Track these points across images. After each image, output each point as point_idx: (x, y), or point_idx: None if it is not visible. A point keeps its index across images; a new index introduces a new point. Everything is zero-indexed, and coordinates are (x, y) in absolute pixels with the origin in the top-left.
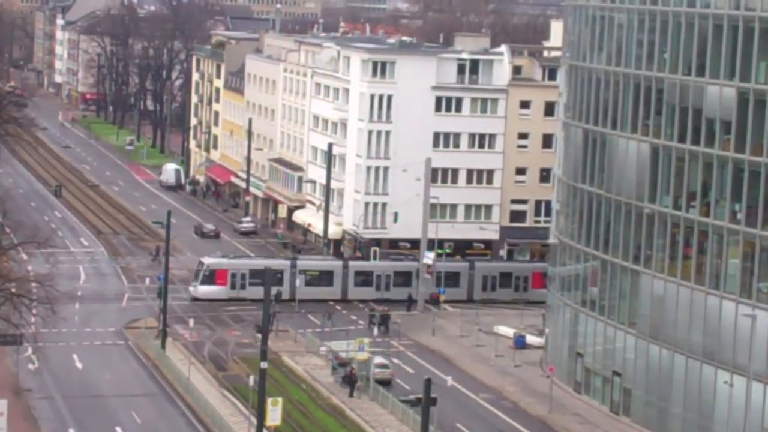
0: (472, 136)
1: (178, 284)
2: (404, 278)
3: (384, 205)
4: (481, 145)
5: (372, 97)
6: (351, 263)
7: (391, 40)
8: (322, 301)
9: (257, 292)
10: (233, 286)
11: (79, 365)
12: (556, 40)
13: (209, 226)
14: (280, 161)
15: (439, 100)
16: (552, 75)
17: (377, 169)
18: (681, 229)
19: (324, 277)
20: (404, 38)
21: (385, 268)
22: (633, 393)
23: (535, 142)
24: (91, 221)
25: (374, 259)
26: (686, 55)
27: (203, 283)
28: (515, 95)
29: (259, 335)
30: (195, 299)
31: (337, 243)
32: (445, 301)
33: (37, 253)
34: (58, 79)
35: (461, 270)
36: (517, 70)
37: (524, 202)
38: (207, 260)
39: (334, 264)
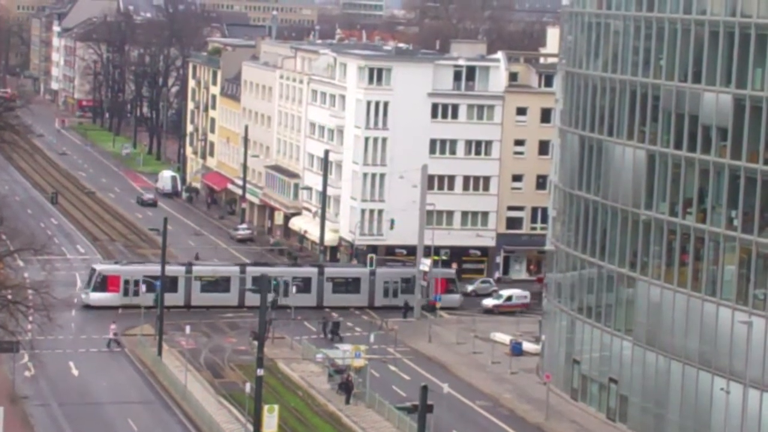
0: (468, 142)
1: None
2: (304, 283)
3: (380, 211)
4: (478, 152)
5: (368, 103)
6: (248, 269)
7: (388, 47)
8: (219, 307)
9: (151, 298)
10: (126, 293)
11: (75, 372)
12: (552, 47)
13: (149, 195)
14: (276, 168)
15: (435, 106)
16: (548, 82)
17: (373, 175)
18: (677, 236)
19: (221, 284)
20: (400, 45)
21: (283, 274)
22: (630, 400)
23: (532, 148)
24: (88, 228)
25: (372, 265)
26: (682, 61)
27: (95, 290)
28: (511, 102)
29: (256, 342)
30: (87, 306)
31: (334, 250)
32: (345, 307)
33: (33, 260)
34: (54, 86)
35: (362, 276)
36: (513, 76)
37: (521, 208)
38: (99, 266)
39: (231, 270)
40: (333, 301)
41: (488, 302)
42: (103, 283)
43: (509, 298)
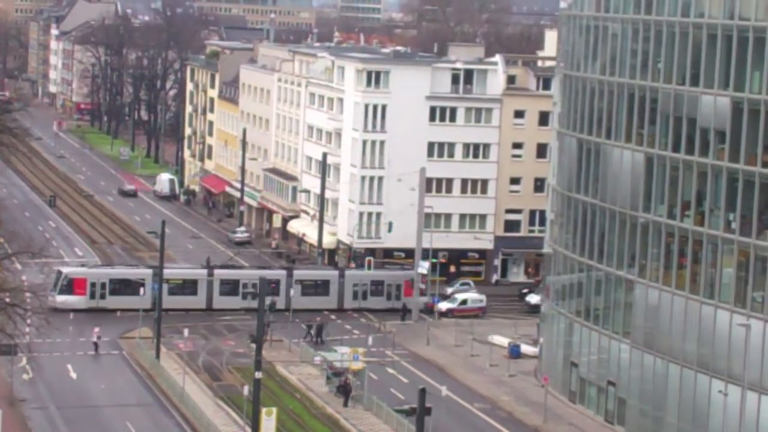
0: (466, 145)
1: None
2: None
3: (378, 214)
4: (476, 155)
5: (366, 106)
6: (216, 272)
7: (386, 50)
8: (186, 311)
9: (118, 301)
10: (92, 296)
11: (73, 375)
12: (550, 50)
13: (130, 187)
14: (274, 171)
15: (433, 109)
16: (546, 84)
17: (371, 178)
18: (675, 239)
19: (188, 286)
20: (398, 48)
21: (252, 277)
22: (627, 402)
23: (530, 151)
24: (86, 231)
25: (369, 268)
26: (680, 64)
27: (61, 292)
28: (509, 105)
29: (254, 345)
30: (54, 309)
31: (332, 253)
32: (314, 310)
33: (31, 263)
34: (52, 89)
35: (331, 278)
36: (511, 79)
37: (518, 211)
38: (65, 269)
39: (199, 273)
40: (301, 304)
41: (442, 306)
42: (70, 285)
43: (464, 302)
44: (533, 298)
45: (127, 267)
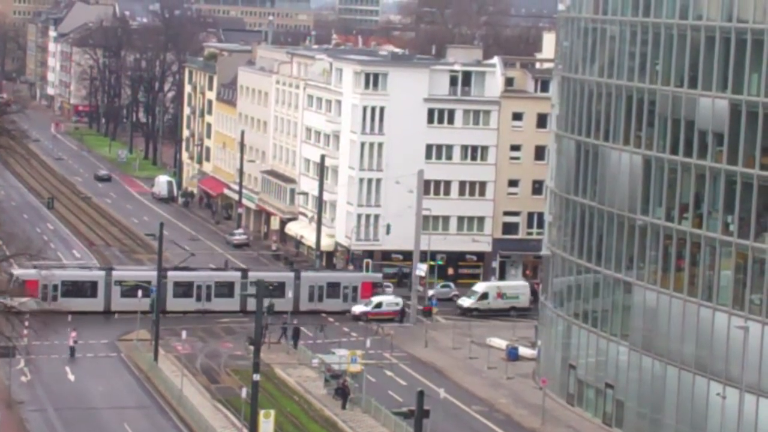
0: (464, 148)
1: None
2: (227, 289)
3: (376, 217)
4: (474, 157)
5: (364, 109)
6: (170, 273)
7: (384, 52)
8: (137, 313)
9: (70, 304)
10: (44, 298)
11: (71, 377)
12: (548, 52)
13: (104, 172)
14: (272, 173)
15: (431, 112)
16: (544, 87)
17: (370, 181)
18: (673, 241)
19: (142, 289)
20: (396, 50)
21: (206, 279)
22: (626, 405)
23: (528, 153)
24: (84, 233)
25: (368, 270)
26: (678, 66)
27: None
28: (508, 107)
29: (252, 347)
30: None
31: (330, 255)
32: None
33: (29, 266)
34: (50, 91)
35: (286, 280)
36: (509, 81)
37: (517, 214)
38: (17, 271)
39: (152, 274)
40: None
41: (356, 309)
42: (21, 287)
43: (379, 305)
44: (465, 302)
45: (80, 269)
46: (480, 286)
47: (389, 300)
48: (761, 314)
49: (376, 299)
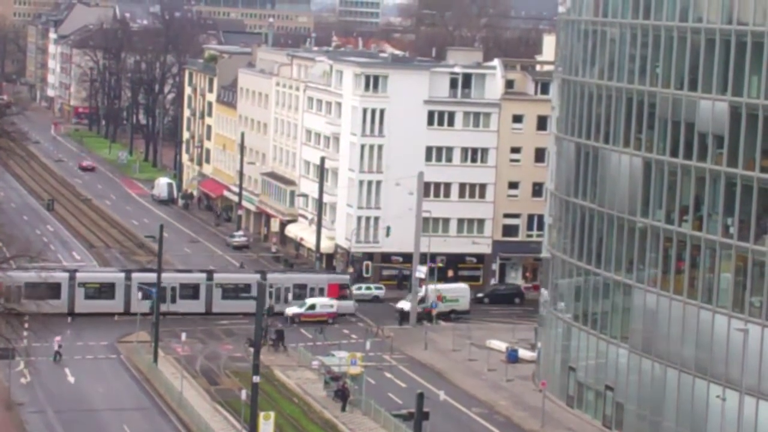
0: (464, 150)
1: None
2: (192, 290)
3: (376, 219)
4: (474, 159)
5: (364, 111)
6: (134, 275)
7: (384, 54)
8: (104, 315)
9: (34, 305)
10: (8, 299)
11: (71, 379)
12: (548, 55)
13: (88, 162)
14: (272, 175)
15: (431, 114)
16: (544, 89)
17: (370, 183)
18: (673, 243)
19: (105, 290)
20: (396, 52)
21: (170, 280)
22: (625, 407)
23: (528, 156)
24: (84, 235)
25: (367, 272)
26: (678, 69)
27: None
28: (508, 109)
29: (252, 349)
30: None
31: (330, 257)
32: (235, 314)
33: (29, 267)
34: (50, 92)
35: (252, 282)
36: (509, 84)
37: (517, 216)
38: None
39: (116, 276)
40: (222, 308)
41: (289, 311)
42: None
43: (312, 307)
44: (405, 305)
45: (44, 270)
46: (422, 290)
47: (323, 302)
48: (761, 317)
49: (309, 301)
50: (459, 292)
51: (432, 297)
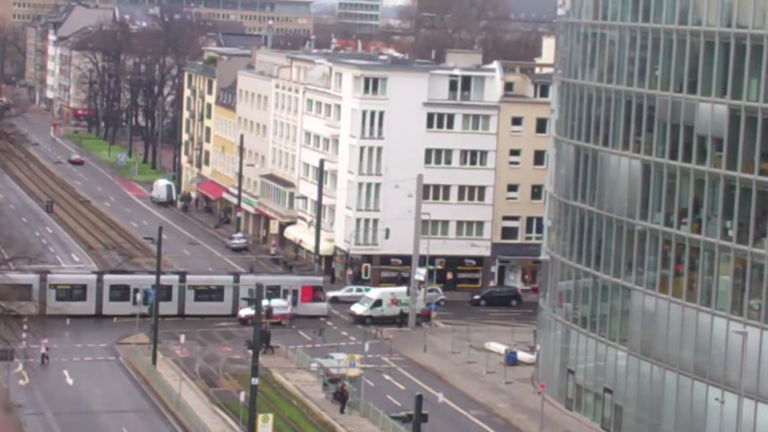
0: (463, 152)
1: None
2: (165, 292)
3: (375, 221)
4: (473, 162)
5: (364, 113)
6: (106, 276)
7: (383, 57)
8: (75, 317)
9: (4, 306)
10: None
11: (69, 381)
12: (548, 57)
13: (76, 156)
14: (271, 177)
15: (430, 116)
16: (544, 92)
17: (369, 185)
18: (672, 246)
19: (77, 292)
20: (396, 54)
21: (143, 282)
22: (624, 410)
23: (527, 158)
24: (83, 237)
25: (366, 274)
26: (678, 72)
27: None
28: (507, 112)
29: (250, 351)
30: None
31: (329, 259)
32: (208, 316)
33: (28, 269)
34: (49, 94)
35: (225, 284)
36: (508, 86)
37: (516, 218)
38: None
39: (88, 277)
40: (195, 309)
41: (243, 312)
42: None
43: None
44: (358, 309)
45: (13, 271)
46: (374, 293)
47: (279, 304)
48: (760, 319)
49: (265, 303)
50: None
51: (386, 300)
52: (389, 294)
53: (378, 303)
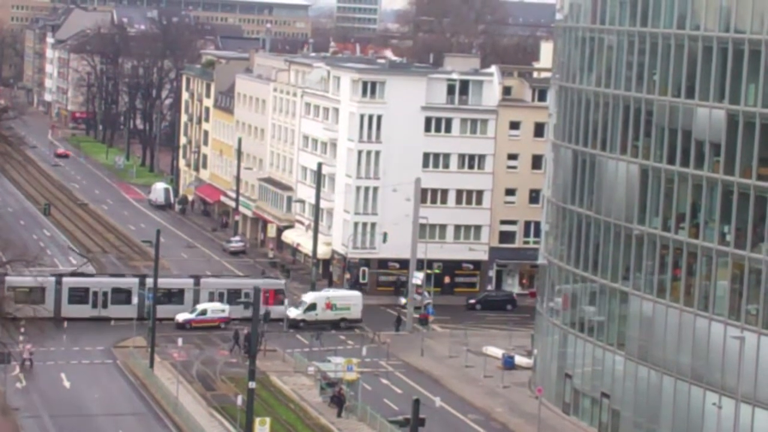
0: (461, 156)
1: None
2: (124, 295)
3: (373, 225)
4: (471, 166)
5: (362, 117)
6: (65, 279)
7: (381, 61)
8: (32, 319)
9: None
10: None
11: (67, 384)
12: (546, 61)
13: (61, 150)
14: (269, 181)
15: (428, 120)
16: (542, 96)
17: (366, 189)
18: (670, 251)
19: (35, 294)
20: (394, 58)
21: (102, 285)
22: (621, 414)
23: (525, 162)
24: (80, 240)
25: (363, 278)
26: (676, 76)
27: None
28: (505, 116)
29: (247, 355)
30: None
31: (327, 263)
32: (169, 319)
33: (25, 272)
34: (47, 97)
35: (185, 286)
36: (506, 90)
37: (513, 222)
38: None
39: (46, 280)
40: (157, 312)
41: (180, 317)
42: None
43: (203, 312)
44: (292, 312)
45: None
46: (308, 296)
47: (214, 307)
48: (757, 324)
49: (200, 306)
50: (350, 299)
51: (320, 304)
52: (324, 298)
53: (312, 307)
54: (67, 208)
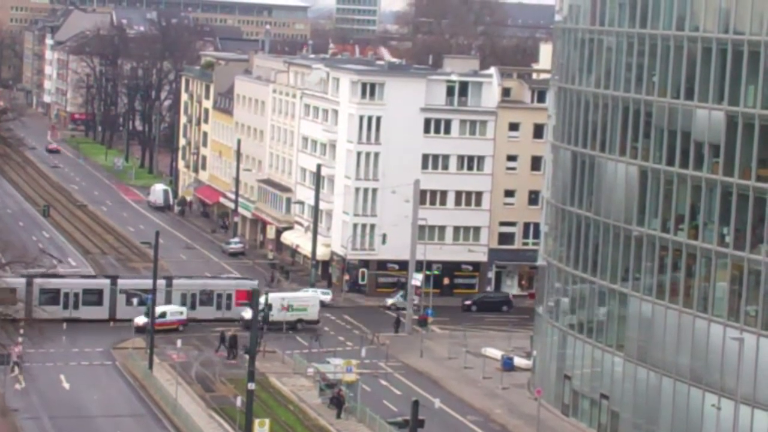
0: (460, 158)
1: None
2: (96, 296)
3: (372, 226)
4: (470, 167)
5: (361, 118)
6: (36, 280)
7: (381, 62)
8: (4, 320)
9: None
10: None
11: (66, 385)
12: (545, 63)
13: (53, 145)
14: (268, 182)
15: (428, 121)
16: (541, 97)
17: (366, 190)
18: (669, 252)
19: (6, 296)
20: (393, 60)
21: (73, 286)
22: (621, 416)
23: (524, 164)
24: (79, 241)
25: (363, 279)
26: (675, 78)
27: None
28: (504, 117)
29: (247, 356)
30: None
31: (326, 264)
32: (127, 320)
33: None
34: (46, 99)
35: (157, 287)
36: (506, 92)
37: (513, 224)
38: None
39: (17, 281)
40: (127, 314)
41: (139, 320)
42: None
43: (163, 315)
44: (247, 313)
45: None
46: (263, 298)
47: (173, 309)
48: (756, 326)
49: (160, 309)
50: (307, 300)
51: (276, 305)
52: (280, 299)
53: (268, 308)
54: (66, 210)
